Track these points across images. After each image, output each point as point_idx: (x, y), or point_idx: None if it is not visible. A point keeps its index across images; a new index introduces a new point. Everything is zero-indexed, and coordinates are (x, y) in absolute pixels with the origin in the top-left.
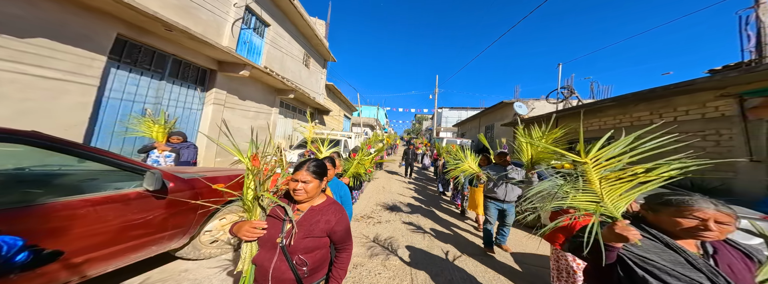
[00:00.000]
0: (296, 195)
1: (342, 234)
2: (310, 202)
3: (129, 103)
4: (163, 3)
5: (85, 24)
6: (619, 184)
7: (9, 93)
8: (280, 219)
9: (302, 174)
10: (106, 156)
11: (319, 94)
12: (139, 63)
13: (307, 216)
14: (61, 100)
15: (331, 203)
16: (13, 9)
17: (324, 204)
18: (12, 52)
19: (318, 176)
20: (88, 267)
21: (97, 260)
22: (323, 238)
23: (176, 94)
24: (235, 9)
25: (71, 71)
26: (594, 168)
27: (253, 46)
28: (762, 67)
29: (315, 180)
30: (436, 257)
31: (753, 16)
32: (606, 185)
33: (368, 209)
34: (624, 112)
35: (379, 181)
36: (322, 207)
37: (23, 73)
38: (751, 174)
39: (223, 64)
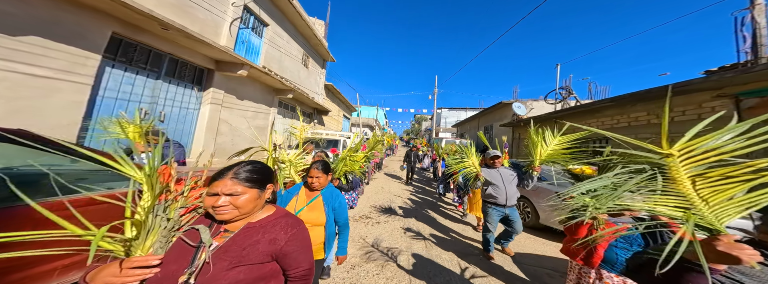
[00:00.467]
0: (218, 214)
1: (296, 257)
2: (247, 219)
3: (124, 102)
4: (159, 2)
5: (79, 22)
6: (725, 185)
7: (0, 91)
8: (193, 246)
9: (226, 184)
10: (96, 155)
11: (318, 94)
12: (135, 62)
13: (238, 238)
14: (54, 98)
15: (280, 216)
16: (5, 6)
17: (269, 218)
18: (3, 50)
19: (256, 184)
20: (75, 269)
21: (85, 262)
22: (268, 265)
23: (173, 94)
24: (233, 8)
25: (64, 70)
26: (684, 163)
27: (252, 46)
28: (758, 68)
29: (250, 191)
30: (435, 259)
31: (748, 17)
32: (703, 185)
33: (367, 209)
34: (621, 113)
35: (378, 182)
36: (265, 223)
37: (14, 71)
38: None
39: (221, 64)
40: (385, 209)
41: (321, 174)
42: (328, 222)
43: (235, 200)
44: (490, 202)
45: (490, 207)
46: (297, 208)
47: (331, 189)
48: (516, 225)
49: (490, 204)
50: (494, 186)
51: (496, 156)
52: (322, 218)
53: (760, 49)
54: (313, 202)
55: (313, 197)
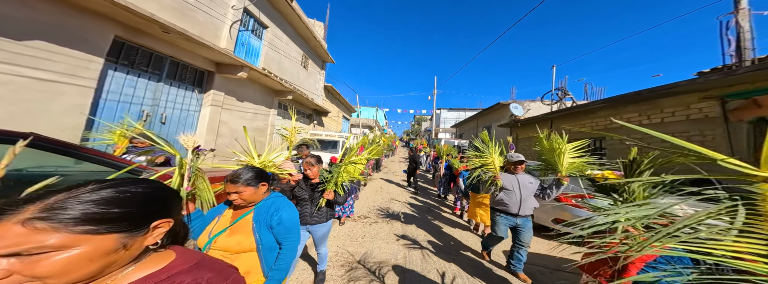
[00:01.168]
0: None
1: None
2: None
3: (126, 104)
4: (160, 5)
5: (81, 25)
6: None
7: (4, 94)
8: None
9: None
10: (102, 157)
11: (317, 95)
12: (137, 64)
13: None
14: (57, 101)
15: (174, 273)
16: (8, 10)
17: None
18: (7, 54)
19: (101, 227)
20: None
21: None
22: None
23: (174, 96)
24: (232, 11)
25: (67, 73)
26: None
27: (251, 48)
28: (740, 71)
29: (88, 240)
30: (430, 275)
31: (733, 22)
32: None
33: (365, 209)
34: (614, 114)
35: (377, 182)
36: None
37: (19, 75)
38: (734, 173)
39: (221, 66)
40: (382, 212)
41: (245, 187)
42: (266, 245)
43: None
44: (500, 210)
45: (499, 216)
46: (213, 233)
47: (270, 202)
48: (524, 236)
49: (499, 211)
50: (507, 193)
51: (521, 161)
52: (247, 243)
53: (745, 53)
54: (237, 223)
55: (239, 215)
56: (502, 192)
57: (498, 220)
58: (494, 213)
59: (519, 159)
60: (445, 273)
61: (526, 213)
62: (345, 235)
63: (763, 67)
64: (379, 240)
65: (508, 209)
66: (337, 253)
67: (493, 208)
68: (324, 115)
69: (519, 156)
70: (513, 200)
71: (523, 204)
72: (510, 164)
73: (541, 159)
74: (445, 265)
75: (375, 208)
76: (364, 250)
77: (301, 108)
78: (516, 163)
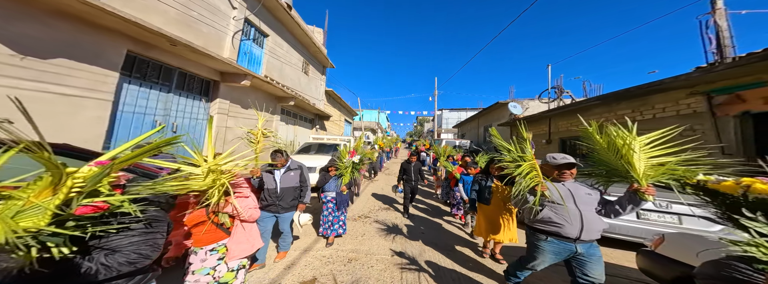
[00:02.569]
0: None
1: None
2: None
3: (141, 115)
4: (165, 19)
5: (97, 42)
6: None
7: (34, 110)
8: None
9: None
10: None
11: (319, 100)
12: (148, 77)
13: None
14: (80, 115)
15: None
16: (33, 31)
17: None
18: (36, 72)
19: None
20: None
21: None
22: None
23: (183, 106)
24: (234, 22)
25: (88, 88)
26: None
27: (253, 56)
28: (719, 68)
29: None
30: (429, 260)
31: (712, 21)
32: None
33: (366, 209)
34: (608, 111)
35: (378, 183)
36: None
37: (46, 92)
38: (724, 165)
39: (226, 75)
40: (382, 212)
41: None
42: None
43: None
44: (548, 232)
45: (545, 241)
46: None
47: None
48: (591, 269)
49: (544, 233)
50: (557, 208)
51: (570, 164)
52: None
53: (725, 50)
54: None
55: None
56: (548, 206)
57: (543, 247)
58: (536, 236)
59: (567, 161)
60: (439, 266)
61: (590, 238)
62: (346, 234)
63: (737, 64)
64: (378, 238)
65: (561, 231)
66: (338, 251)
67: (533, 229)
68: (326, 120)
69: (566, 157)
70: (569, 218)
71: (587, 224)
72: (553, 169)
73: (597, 162)
74: (441, 258)
75: (375, 208)
76: (365, 248)
77: (303, 113)
78: (563, 167)
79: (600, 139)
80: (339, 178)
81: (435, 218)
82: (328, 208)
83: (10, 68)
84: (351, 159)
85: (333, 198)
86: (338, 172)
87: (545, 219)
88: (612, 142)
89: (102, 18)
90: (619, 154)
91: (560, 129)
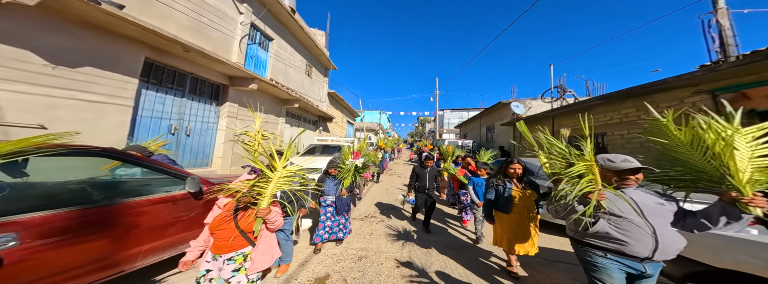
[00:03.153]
0: None
1: None
2: None
3: (158, 120)
4: (178, 26)
5: (117, 50)
6: None
7: (63, 116)
8: None
9: None
10: (159, 165)
11: (321, 102)
12: (164, 82)
13: None
14: (104, 120)
15: None
16: (62, 41)
17: None
18: (65, 80)
19: None
20: (151, 253)
21: (156, 249)
22: None
23: (195, 110)
24: (241, 27)
25: (111, 94)
26: None
27: (259, 60)
28: (722, 67)
29: None
30: (435, 259)
31: (714, 20)
32: None
33: (372, 209)
34: (613, 110)
35: (383, 184)
36: None
37: (74, 98)
38: None
39: (234, 79)
40: (388, 212)
41: None
42: None
43: None
44: (607, 249)
45: (604, 258)
46: None
47: None
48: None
49: (602, 250)
50: (620, 222)
51: (637, 168)
52: None
53: (728, 49)
54: None
55: None
56: (605, 218)
57: (604, 265)
58: (588, 251)
59: (633, 165)
60: (445, 265)
61: (665, 258)
62: (353, 233)
63: (740, 63)
64: (385, 237)
65: (626, 249)
66: (348, 249)
67: (586, 244)
68: (329, 121)
69: (628, 159)
70: (636, 235)
71: (662, 241)
72: (612, 174)
73: (672, 163)
74: (448, 259)
75: (381, 208)
76: (374, 246)
77: (306, 115)
78: (628, 172)
79: (678, 132)
80: (340, 182)
81: (439, 221)
82: (326, 213)
83: (43, 77)
84: (354, 161)
85: (332, 202)
86: (340, 176)
87: (601, 234)
88: (698, 137)
89: (122, 27)
90: (708, 153)
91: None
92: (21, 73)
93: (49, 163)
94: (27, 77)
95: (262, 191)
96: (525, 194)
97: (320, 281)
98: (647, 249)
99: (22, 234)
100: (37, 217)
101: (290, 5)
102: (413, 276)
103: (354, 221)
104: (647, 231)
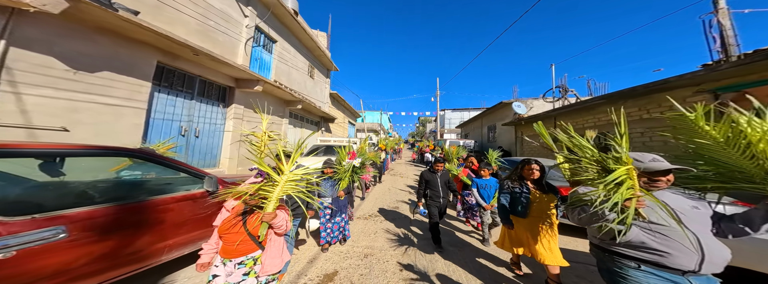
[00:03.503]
0: None
1: None
2: None
3: (169, 122)
4: (187, 30)
5: (132, 55)
6: None
7: (83, 119)
8: None
9: None
10: (181, 166)
11: (324, 102)
12: (174, 85)
13: None
14: (121, 122)
15: None
16: (82, 47)
17: None
18: (85, 84)
19: None
20: (174, 249)
21: (178, 244)
22: None
23: (203, 111)
24: (246, 29)
25: (126, 97)
26: None
27: (263, 62)
28: (723, 67)
29: None
30: (439, 255)
31: (715, 20)
32: None
33: (375, 208)
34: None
35: (386, 184)
36: None
37: (93, 102)
38: None
39: (240, 81)
40: (392, 212)
41: None
42: None
43: None
44: (642, 260)
45: (638, 270)
46: None
47: None
48: None
49: (635, 261)
50: (658, 229)
51: (669, 170)
52: None
53: (730, 49)
54: None
55: None
56: (639, 226)
57: (637, 278)
58: (618, 262)
59: (666, 166)
60: (448, 262)
61: (713, 270)
62: (359, 232)
63: (741, 63)
64: (389, 236)
65: (667, 261)
66: (354, 247)
67: (613, 253)
68: (331, 122)
69: (657, 158)
70: (677, 243)
71: (708, 251)
72: (642, 176)
73: (704, 160)
74: (449, 256)
75: (384, 208)
76: (379, 244)
77: (309, 116)
78: (660, 174)
79: (711, 128)
80: (336, 182)
81: (450, 227)
82: (325, 215)
83: (65, 82)
84: (351, 161)
85: (330, 204)
86: (337, 176)
87: (635, 243)
88: (737, 134)
89: (137, 32)
90: (748, 151)
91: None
92: (45, 78)
93: (81, 163)
94: (51, 82)
95: (268, 195)
96: (543, 198)
97: (329, 277)
98: (692, 261)
99: (69, 227)
100: (82, 212)
101: (293, 7)
102: (417, 273)
103: (358, 220)
104: (689, 240)
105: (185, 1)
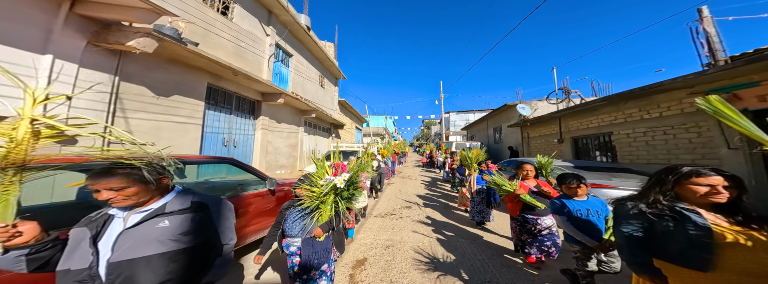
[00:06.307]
0: None
1: None
2: None
3: (216, 134)
4: (226, 52)
5: (193, 79)
6: None
7: (163, 136)
8: None
9: None
10: (254, 170)
11: (333, 110)
12: (219, 103)
13: None
14: (185, 137)
15: None
16: (162, 76)
17: None
18: (164, 107)
19: None
20: (249, 235)
21: (252, 232)
22: None
23: (239, 124)
24: (269, 48)
25: (189, 116)
26: None
27: (282, 76)
28: (710, 71)
29: None
30: (455, 245)
31: (701, 28)
32: None
33: (390, 207)
34: (617, 110)
35: (396, 186)
36: None
37: (169, 121)
38: (731, 161)
39: (265, 95)
40: (405, 210)
41: None
42: None
43: None
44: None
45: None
46: None
47: None
48: None
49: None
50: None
51: None
52: None
53: (716, 54)
54: None
55: None
56: None
57: None
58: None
59: None
60: (465, 251)
61: None
62: (378, 227)
63: (724, 68)
64: (407, 231)
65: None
66: (376, 240)
67: None
68: (340, 128)
69: None
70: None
71: None
72: None
73: None
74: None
75: (398, 207)
76: (398, 237)
77: (320, 123)
78: None
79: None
80: (309, 214)
81: (448, 208)
82: (293, 265)
83: (152, 106)
84: (332, 179)
85: (299, 249)
86: (308, 203)
87: None
88: None
89: (197, 60)
90: None
91: (571, 128)
92: (140, 104)
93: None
94: (143, 107)
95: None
96: (752, 235)
97: (361, 262)
98: None
99: None
100: None
101: (306, 24)
102: (435, 261)
103: (375, 218)
104: None
105: (223, 27)
